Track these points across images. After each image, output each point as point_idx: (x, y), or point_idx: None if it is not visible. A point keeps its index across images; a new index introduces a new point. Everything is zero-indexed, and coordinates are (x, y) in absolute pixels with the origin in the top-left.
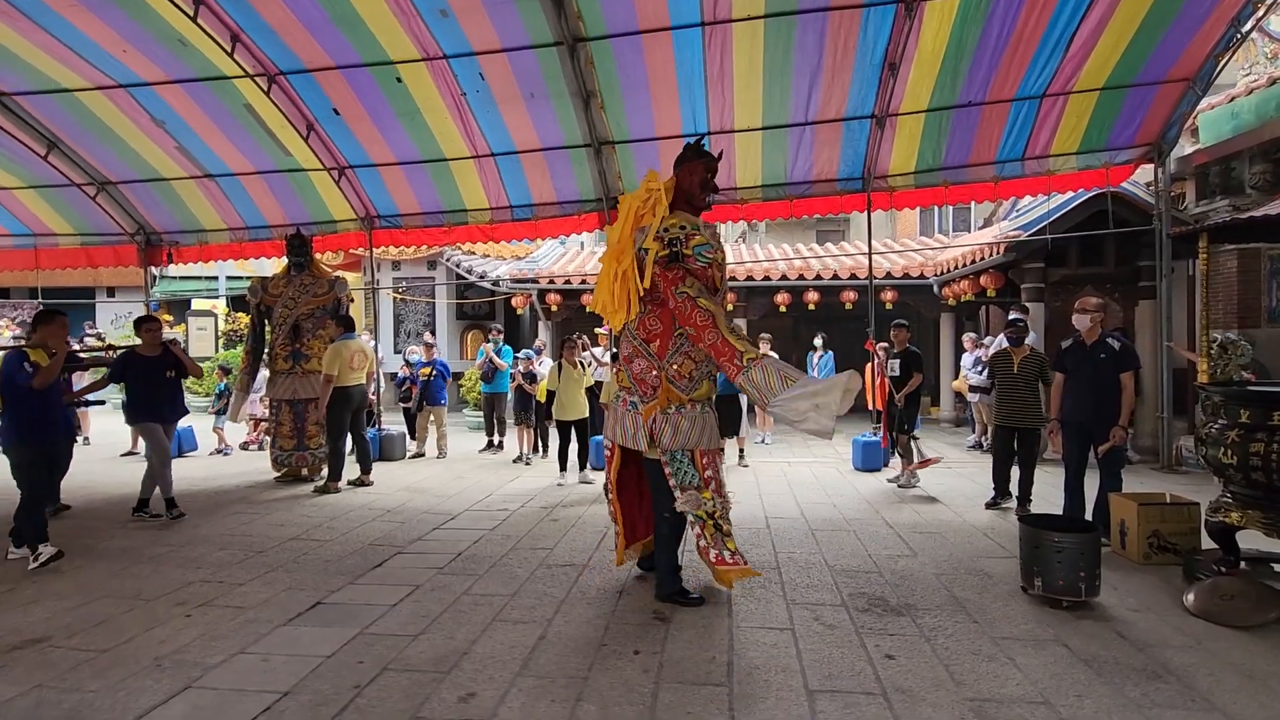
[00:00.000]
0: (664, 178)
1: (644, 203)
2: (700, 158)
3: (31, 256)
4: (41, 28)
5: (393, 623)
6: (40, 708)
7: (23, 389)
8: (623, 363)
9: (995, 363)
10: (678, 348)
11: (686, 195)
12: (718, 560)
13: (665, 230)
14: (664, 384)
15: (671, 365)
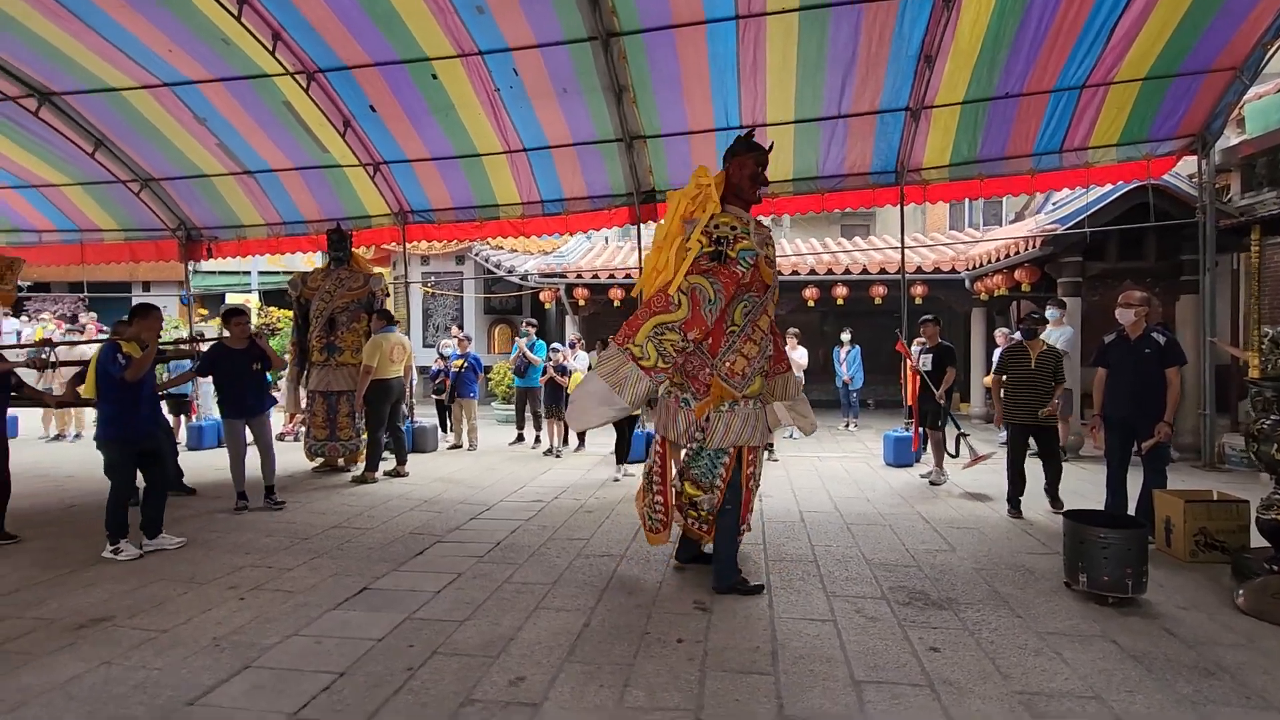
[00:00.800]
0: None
1: (693, 199)
2: (750, 151)
3: (78, 251)
4: (92, 29)
5: (438, 609)
6: (109, 684)
7: (115, 382)
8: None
9: (1010, 357)
10: (730, 345)
11: (736, 189)
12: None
13: (715, 226)
14: (716, 381)
15: (724, 363)
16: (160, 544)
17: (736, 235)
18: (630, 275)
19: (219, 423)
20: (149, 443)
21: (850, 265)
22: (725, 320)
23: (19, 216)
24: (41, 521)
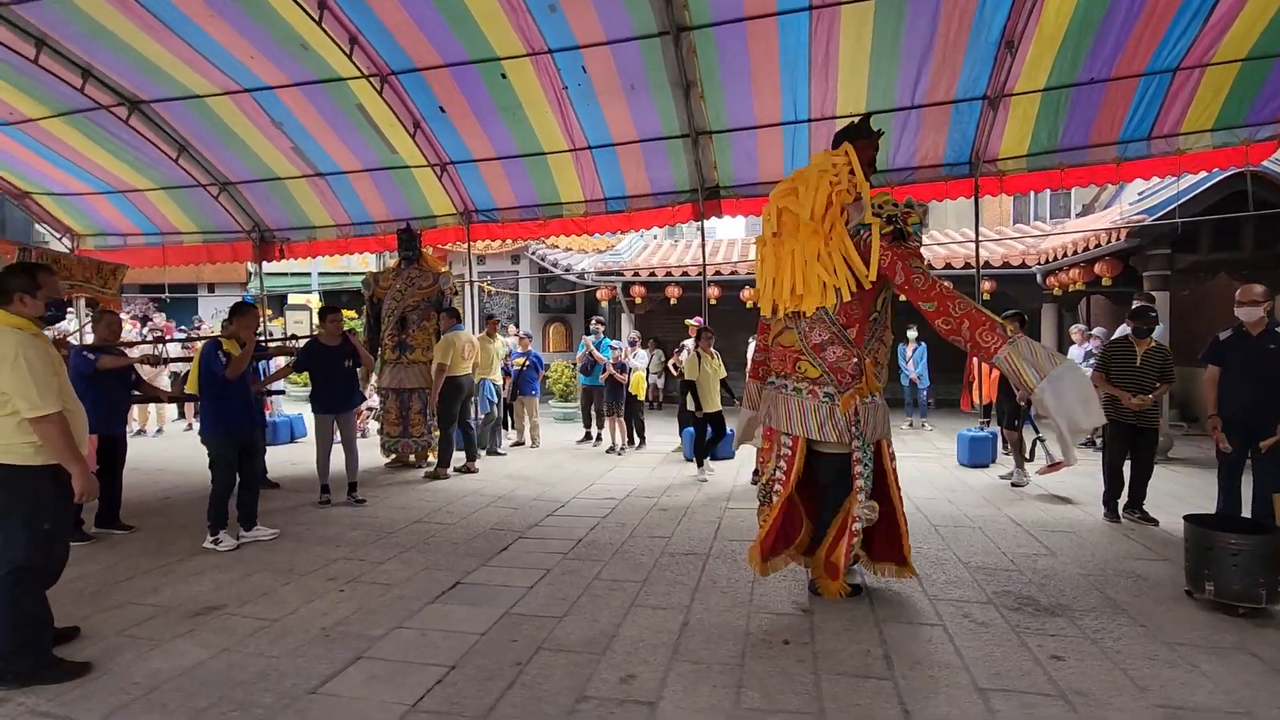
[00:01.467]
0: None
1: (833, 182)
2: (871, 135)
3: (159, 253)
4: (181, 38)
5: (534, 604)
6: (232, 670)
7: (218, 379)
8: (810, 351)
9: (1113, 353)
10: (874, 333)
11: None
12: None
13: (880, 206)
14: (867, 370)
15: (869, 352)
16: (255, 535)
17: (903, 211)
18: (688, 273)
19: (291, 419)
20: (247, 437)
21: None
22: (870, 307)
23: (106, 221)
24: (142, 513)
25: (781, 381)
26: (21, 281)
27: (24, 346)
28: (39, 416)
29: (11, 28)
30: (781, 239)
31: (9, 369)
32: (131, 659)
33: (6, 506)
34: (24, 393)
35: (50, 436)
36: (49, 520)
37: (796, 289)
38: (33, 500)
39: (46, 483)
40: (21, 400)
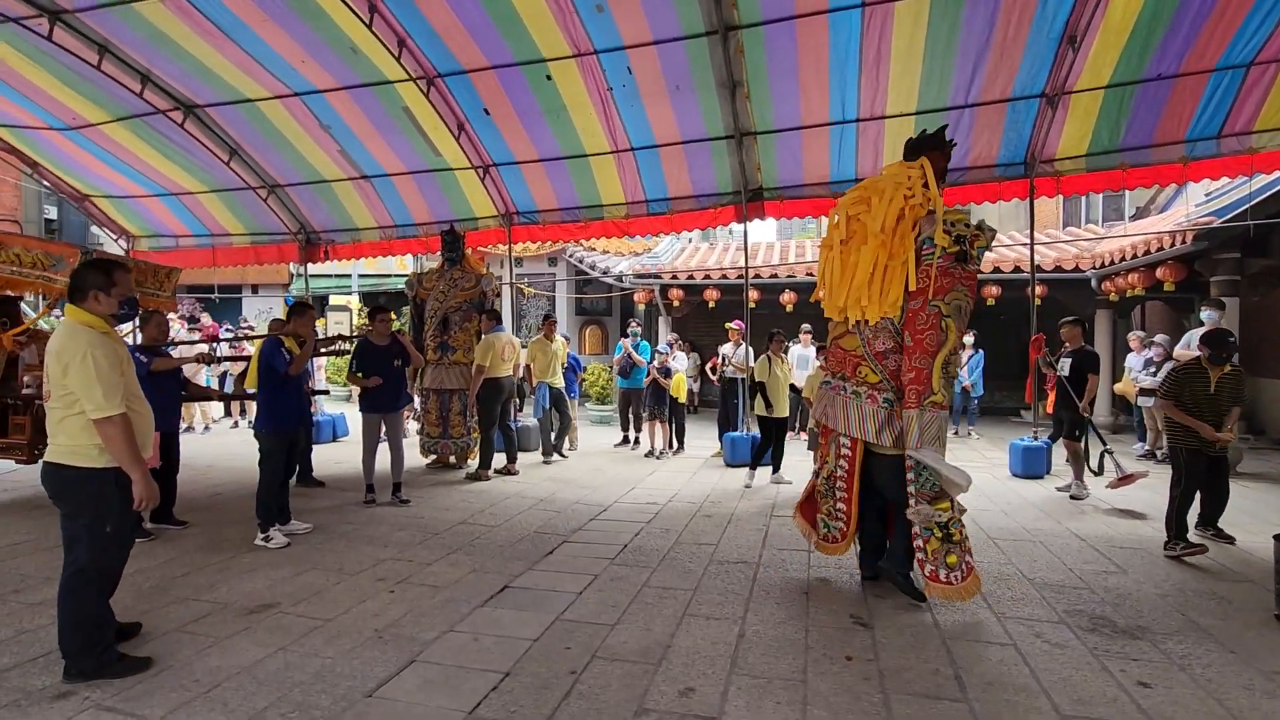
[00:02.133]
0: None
1: (907, 197)
2: (941, 147)
3: (209, 254)
4: (236, 43)
5: (585, 610)
6: (289, 670)
7: (279, 375)
8: (872, 358)
9: (1185, 380)
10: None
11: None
12: (932, 576)
13: (951, 225)
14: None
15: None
16: (291, 529)
17: (973, 234)
18: (727, 275)
19: (334, 418)
20: (298, 434)
21: (1000, 264)
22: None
23: (160, 223)
24: (194, 509)
25: (840, 383)
26: (98, 278)
27: (93, 346)
28: (103, 418)
29: (77, 34)
30: (849, 247)
31: (78, 368)
32: (191, 655)
33: (72, 509)
34: (89, 393)
35: (112, 439)
36: (113, 523)
37: (861, 299)
38: (97, 502)
39: (111, 485)
40: (87, 401)
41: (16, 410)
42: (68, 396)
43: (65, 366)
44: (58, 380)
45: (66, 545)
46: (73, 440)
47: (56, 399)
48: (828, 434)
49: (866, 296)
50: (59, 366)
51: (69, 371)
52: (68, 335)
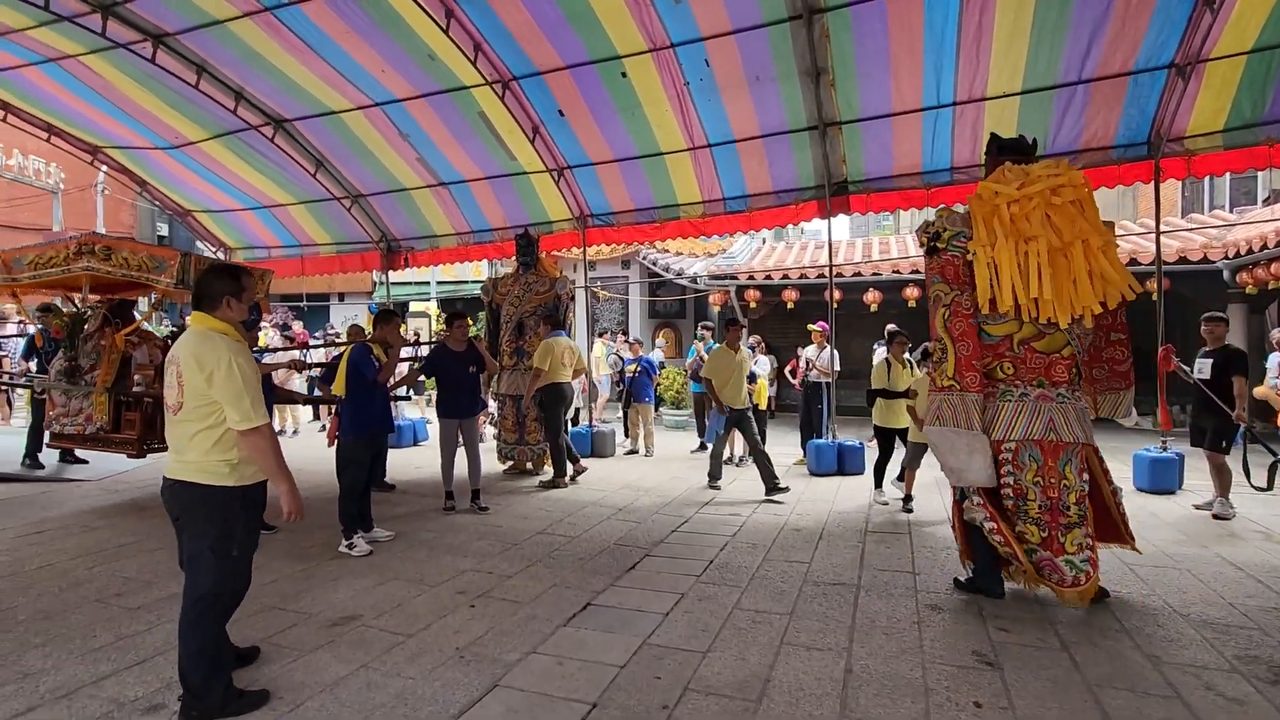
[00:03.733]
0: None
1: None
2: (1030, 154)
3: (298, 264)
4: (321, 57)
5: (673, 634)
6: (371, 690)
7: (366, 382)
8: (1081, 358)
9: None
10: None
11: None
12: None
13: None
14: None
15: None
16: (374, 536)
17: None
18: (806, 275)
19: (415, 422)
20: (382, 440)
21: None
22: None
23: (254, 234)
24: (277, 514)
25: (1045, 390)
26: (229, 284)
27: (235, 353)
28: (250, 428)
29: (177, 56)
30: (1039, 245)
31: (224, 376)
32: (277, 671)
33: (199, 530)
34: (237, 402)
35: (261, 449)
36: (237, 545)
37: (1084, 297)
38: (223, 524)
39: (237, 505)
40: (234, 410)
41: (129, 407)
42: (206, 408)
43: (209, 375)
44: (199, 391)
45: (188, 568)
46: (203, 456)
47: (191, 410)
48: (1017, 450)
49: (1102, 294)
50: (202, 375)
51: (214, 381)
52: (206, 342)
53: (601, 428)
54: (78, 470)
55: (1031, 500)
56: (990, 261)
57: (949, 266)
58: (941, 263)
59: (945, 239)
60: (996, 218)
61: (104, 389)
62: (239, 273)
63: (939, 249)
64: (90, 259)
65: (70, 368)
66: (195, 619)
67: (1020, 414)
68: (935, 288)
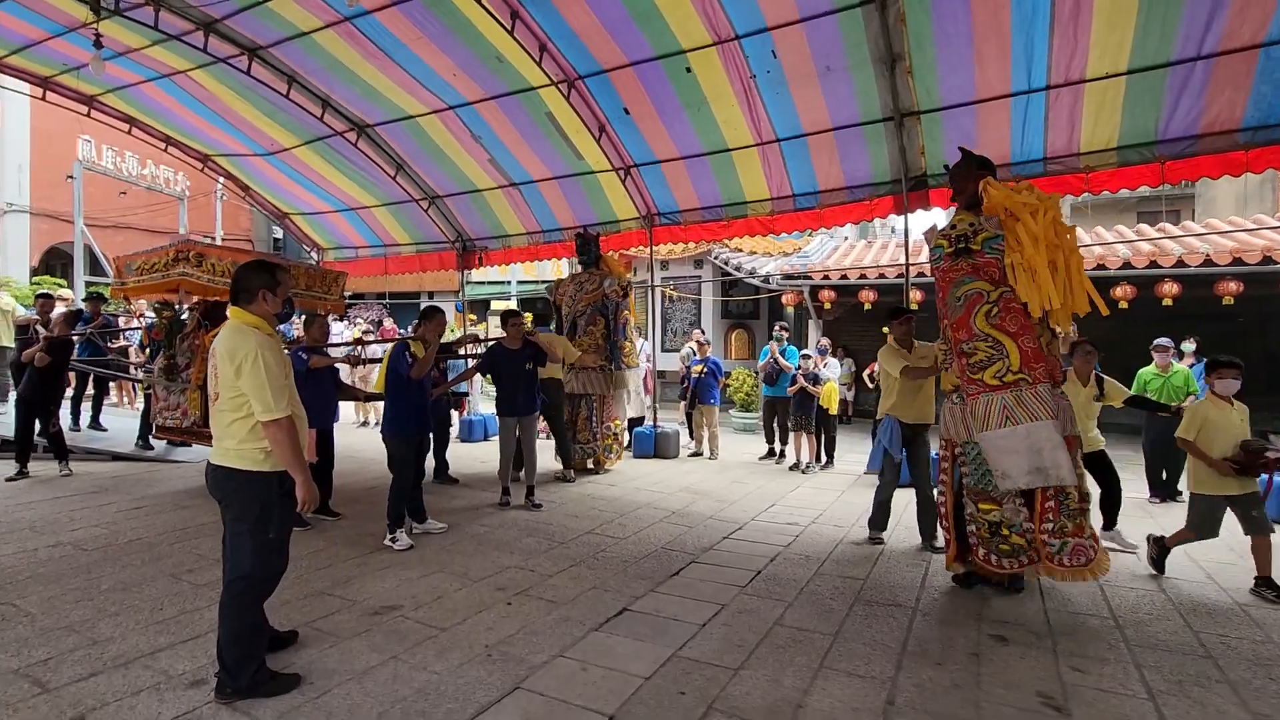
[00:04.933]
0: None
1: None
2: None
3: (382, 264)
4: (397, 64)
5: (706, 648)
6: (396, 683)
7: (402, 379)
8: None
9: None
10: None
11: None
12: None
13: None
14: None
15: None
16: (428, 528)
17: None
18: (884, 274)
19: (486, 417)
20: (421, 436)
21: (1185, 256)
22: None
23: (343, 235)
24: (349, 500)
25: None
26: (265, 278)
27: (263, 347)
28: (271, 420)
29: (269, 67)
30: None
31: (250, 369)
32: (313, 656)
33: (237, 513)
34: (260, 395)
35: (279, 441)
36: (275, 529)
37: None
38: (261, 507)
39: (274, 489)
40: (257, 402)
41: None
42: (238, 399)
43: (238, 368)
44: (230, 382)
45: (228, 550)
46: (240, 443)
47: (226, 401)
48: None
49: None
50: (231, 368)
51: (241, 373)
52: (238, 336)
53: (665, 428)
54: (182, 452)
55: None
56: (1027, 268)
57: (990, 267)
58: (977, 264)
59: (979, 241)
60: (1023, 227)
61: (196, 386)
62: (274, 268)
63: (972, 250)
64: (185, 265)
65: (169, 365)
66: (233, 600)
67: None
68: (971, 286)
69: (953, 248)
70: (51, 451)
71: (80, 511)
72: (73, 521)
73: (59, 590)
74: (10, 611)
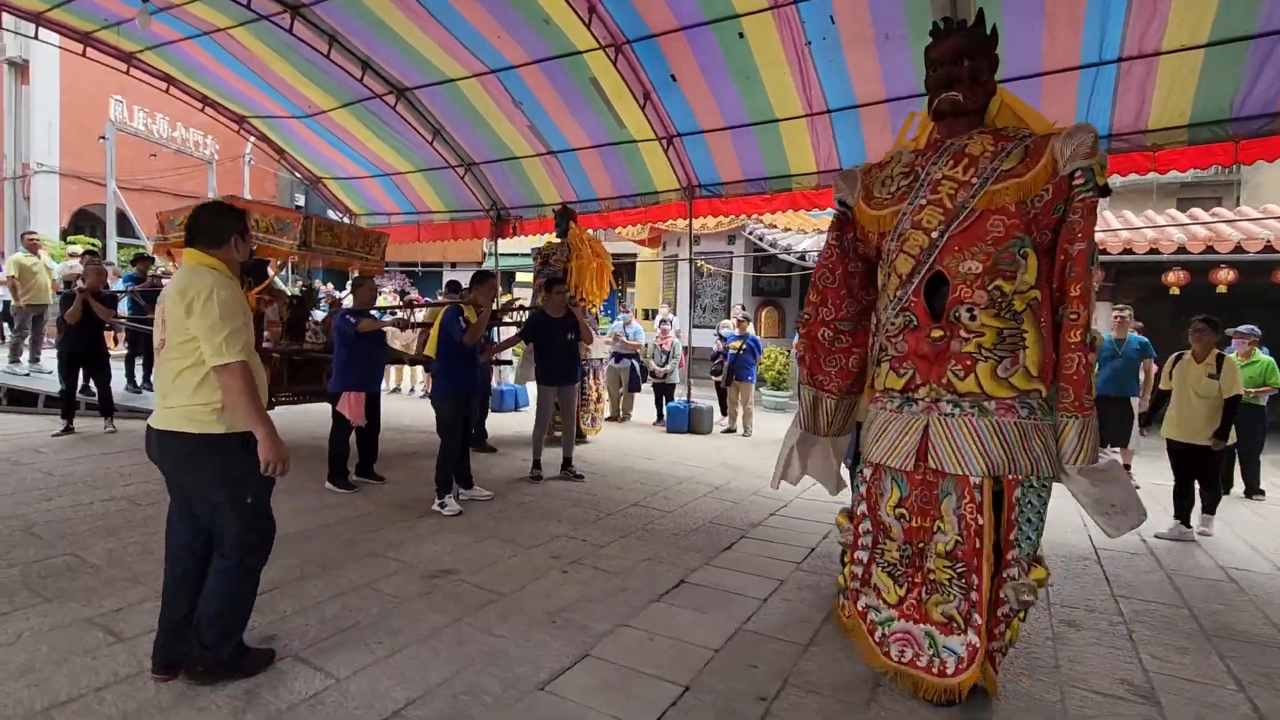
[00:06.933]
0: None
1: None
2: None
3: (415, 231)
4: (441, 24)
5: (770, 622)
6: (463, 644)
7: (456, 343)
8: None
9: None
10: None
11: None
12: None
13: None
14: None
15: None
16: (473, 495)
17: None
18: None
19: (516, 388)
20: (471, 401)
21: (1244, 242)
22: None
23: (375, 201)
24: (389, 467)
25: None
26: (236, 222)
27: (219, 285)
28: (222, 364)
29: (311, 26)
30: None
31: (201, 307)
32: (378, 615)
33: (206, 483)
34: (210, 335)
35: (232, 388)
36: (250, 492)
37: None
38: (225, 471)
39: (236, 451)
40: (207, 344)
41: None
42: (187, 344)
43: (189, 305)
44: (179, 323)
45: (210, 531)
46: (186, 400)
47: (174, 347)
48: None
49: None
50: (182, 305)
51: (192, 310)
52: (192, 274)
53: (699, 404)
54: None
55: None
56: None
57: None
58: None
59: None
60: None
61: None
62: (244, 214)
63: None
64: None
65: None
66: (224, 579)
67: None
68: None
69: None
70: (97, 408)
71: (130, 468)
72: (124, 477)
73: (119, 543)
74: (74, 562)
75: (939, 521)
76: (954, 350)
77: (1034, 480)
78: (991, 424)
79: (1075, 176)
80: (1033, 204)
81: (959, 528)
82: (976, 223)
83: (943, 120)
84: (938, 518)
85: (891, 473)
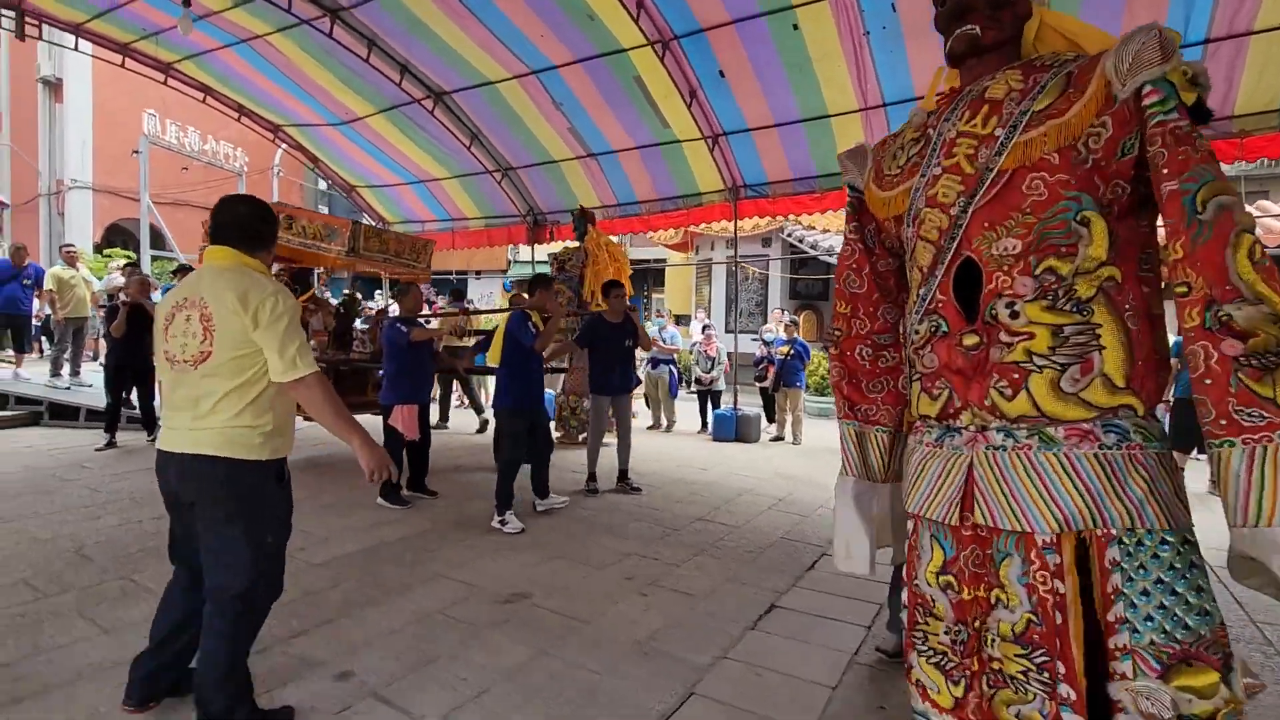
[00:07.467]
0: None
1: None
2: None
3: (449, 238)
4: (482, 23)
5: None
6: (557, 682)
7: (524, 350)
8: None
9: None
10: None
11: None
12: None
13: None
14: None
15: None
16: (550, 504)
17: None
18: None
19: (549, 395)
20: (536, 411)
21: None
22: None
23: (410, 209)
24: (437, 482)
25: None
26: (275, 229)
27: (281, 293)
28: (298, 378)
29: (350, 30)
30: None
31: (268, 318)
32: (457, 646)
33: (229, 514)
34: (283, 349)
35: (316, 401)
36: (272, 532)
37: None
38: (256, 506)
39: (271, 483)
40: (278, 358)
41: None
42: (244, 358)
43: (254, 315)
44: (235, 335)
45: (207, 566)
46: (227, 423)
47: (224, 363)
48: None
49: None
50: (244, 315)
51: (259, 321)
52: (247, 278)
53: (746, 411)
54: None
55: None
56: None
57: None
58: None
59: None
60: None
61: None
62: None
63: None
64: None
65: None
66: (228, 624)
67: None
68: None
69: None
70: (139, 422)
71: None
72: None
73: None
74: (130, 587)
75: (999, 592)
76: (994, 360)
77: (1142, 534)
78: (1060, 458)
79: (1145, 94)
80: (1087, 148)
81: (1030, 601)
82: (1008, 187)
83: (963, 65)
84: (997, 587)
85: (931, 526)
